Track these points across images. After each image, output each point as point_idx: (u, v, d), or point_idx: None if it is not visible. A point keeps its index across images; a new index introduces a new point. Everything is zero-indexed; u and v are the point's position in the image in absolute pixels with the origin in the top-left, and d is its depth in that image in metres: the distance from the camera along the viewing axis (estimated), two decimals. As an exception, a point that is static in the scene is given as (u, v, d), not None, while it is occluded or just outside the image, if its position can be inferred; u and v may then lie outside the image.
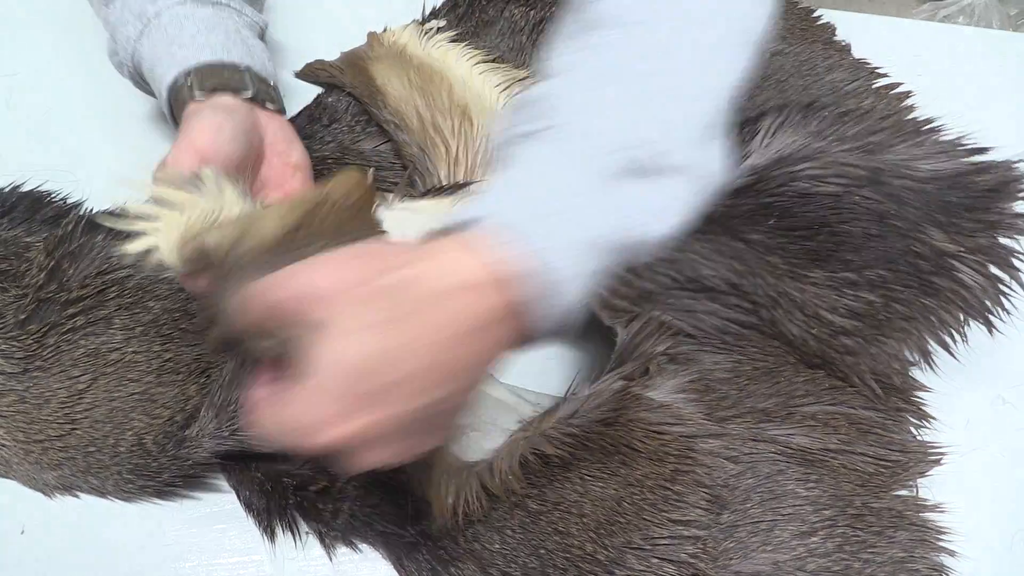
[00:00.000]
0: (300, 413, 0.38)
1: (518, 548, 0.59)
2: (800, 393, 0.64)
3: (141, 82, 0.66)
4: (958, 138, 0.66)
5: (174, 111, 0.61)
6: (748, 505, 0.61)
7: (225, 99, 0.60)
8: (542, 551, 0.58)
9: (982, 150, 0.65)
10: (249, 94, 0.62)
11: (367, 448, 0.40)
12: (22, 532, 0.60)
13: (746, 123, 0.65)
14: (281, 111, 0.65)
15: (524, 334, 0.42)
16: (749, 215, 0.63)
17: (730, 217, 0.63)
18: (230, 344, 0.43)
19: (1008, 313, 0.65)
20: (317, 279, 0.39)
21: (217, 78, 0.60)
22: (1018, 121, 0.81)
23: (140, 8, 0.62)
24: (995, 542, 0.64)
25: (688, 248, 0.63)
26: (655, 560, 0.58)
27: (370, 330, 0.37)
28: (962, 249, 0.63)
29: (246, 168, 0.59)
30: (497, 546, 0.59)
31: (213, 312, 0.43)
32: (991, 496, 0.65)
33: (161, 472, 0.59)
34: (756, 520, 0.61)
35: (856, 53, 0.83)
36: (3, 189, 0.67)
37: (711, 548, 0.59)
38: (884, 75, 0.80)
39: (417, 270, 0.39)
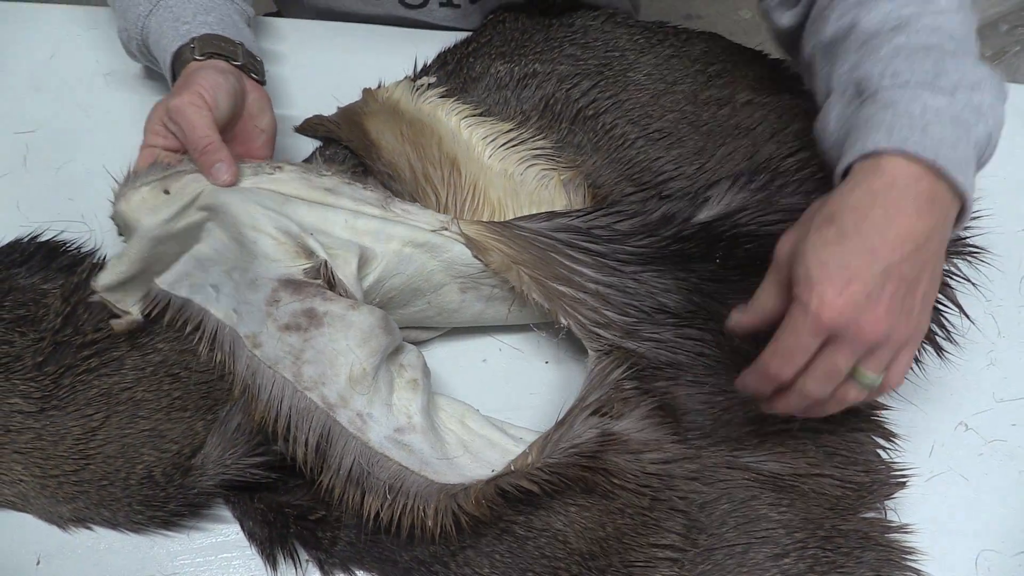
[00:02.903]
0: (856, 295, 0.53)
1: (507, 572, 0.62)
2: (770, 420, 0.68)
3: (147, 53, 0.78)
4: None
5: (176, 73, 0.73)
6: (724, 529, 0.65)
7: (220, 63, 0.72)
8: (529, 574, 0.62)
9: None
10: (239, 63, 0.74)
11: (895, 331, 0.54)
12: (38, 563, 0.64)
13: (704, 188, 0.72)
14: (262, 83, 0.77)
15: (955, 202, 0.56)
16: (697, 256, 0.69)
17: (680, 257, 0.69)
18: None
19: (950, 334, 0.70)
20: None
21: (215, 46, 0.73)
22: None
23: None
24: (959, 562, 0.67)
25: (645, 282, 0.68)
26: (634, 580, 0.61)
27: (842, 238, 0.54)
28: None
29: (230, 123, 0.72)
30: (487, 570, 0.62)
31: None
32: (955, 518, 0.69)
33: (168, 502, 0.62)
34: (731, 543, 0.64)
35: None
36: (22, 239, 0.72)
37: (688, 569, 0.63)
38: (848, 122, 0.85)
39: (869, 186, 0.55)
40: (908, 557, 0.66)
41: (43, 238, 0.72)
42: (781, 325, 0.56)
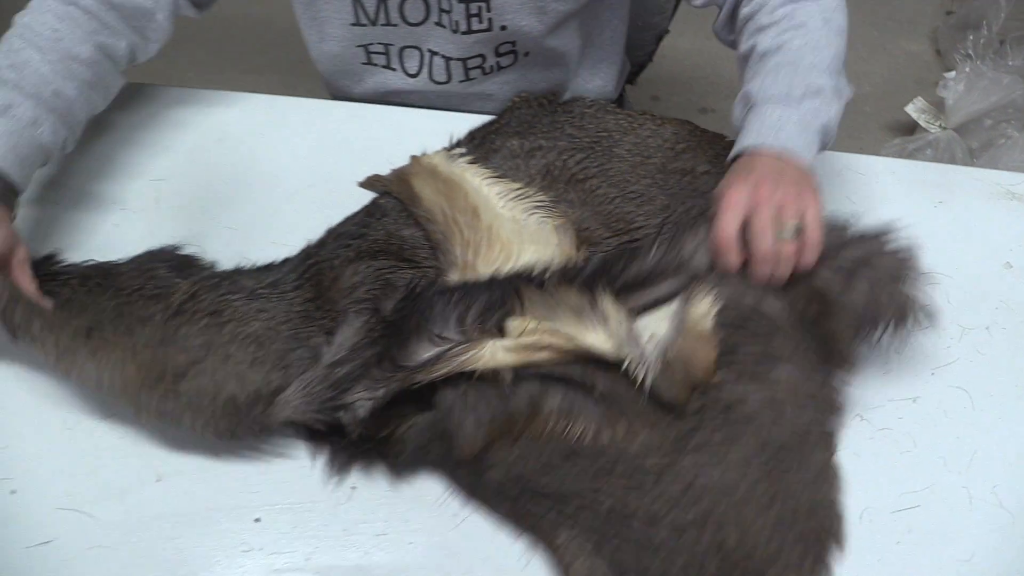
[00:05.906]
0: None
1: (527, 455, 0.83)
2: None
3: None
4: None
5: None
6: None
7: None
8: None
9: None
10: None
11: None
12: (157, 480, 0.86)
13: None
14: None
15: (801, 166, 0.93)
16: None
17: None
18: None
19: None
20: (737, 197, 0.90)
21: None
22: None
23: None
24: (848, 515, 0.85)
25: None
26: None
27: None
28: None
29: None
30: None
31: None
32: (848, 483, 0.88)
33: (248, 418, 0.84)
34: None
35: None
36: (172, 249, 0.99)
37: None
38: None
39: (745, 162, 0.94)
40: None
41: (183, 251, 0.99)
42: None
